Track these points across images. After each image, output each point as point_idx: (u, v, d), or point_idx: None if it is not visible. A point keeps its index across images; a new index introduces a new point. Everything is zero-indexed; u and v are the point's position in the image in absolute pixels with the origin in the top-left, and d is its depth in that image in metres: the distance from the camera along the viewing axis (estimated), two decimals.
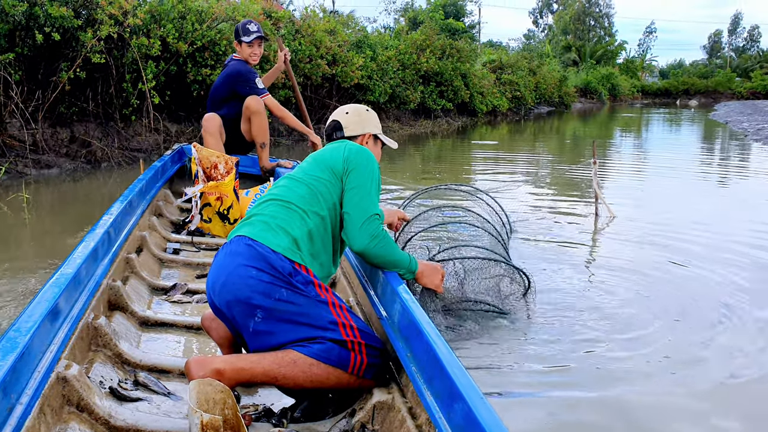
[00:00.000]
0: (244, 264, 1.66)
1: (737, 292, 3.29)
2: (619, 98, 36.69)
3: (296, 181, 1.93)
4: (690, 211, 5.42)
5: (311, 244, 1.81)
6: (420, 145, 12.16)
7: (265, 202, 1.89)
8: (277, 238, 1.73)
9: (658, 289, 3.33)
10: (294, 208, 1.83)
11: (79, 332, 1.81)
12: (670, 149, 12.08)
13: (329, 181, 1.90)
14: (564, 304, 3.08)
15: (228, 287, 1.66)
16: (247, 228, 1.79)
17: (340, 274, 2.70)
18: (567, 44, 42.00)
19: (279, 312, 1.64)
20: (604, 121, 21.89)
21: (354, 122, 2.13)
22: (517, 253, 3.86)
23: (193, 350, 2.18)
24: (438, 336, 1.58)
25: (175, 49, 7.63)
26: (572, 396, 2.26)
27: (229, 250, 1.74)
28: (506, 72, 21.55)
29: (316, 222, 1.84)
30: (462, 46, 17.11)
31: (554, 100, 26.09)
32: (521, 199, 5.88)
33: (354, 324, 1.71)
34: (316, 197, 1.87)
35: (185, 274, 2.92)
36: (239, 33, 3.80)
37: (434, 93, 15.90)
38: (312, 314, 1.66)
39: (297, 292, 1.67)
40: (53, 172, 6.70)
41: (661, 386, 2.34)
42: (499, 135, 15.52)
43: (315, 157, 2.01)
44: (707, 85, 44.29)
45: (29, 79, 6.78)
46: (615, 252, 4.09)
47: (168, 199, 3.98)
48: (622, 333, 2.77)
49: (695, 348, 2.66)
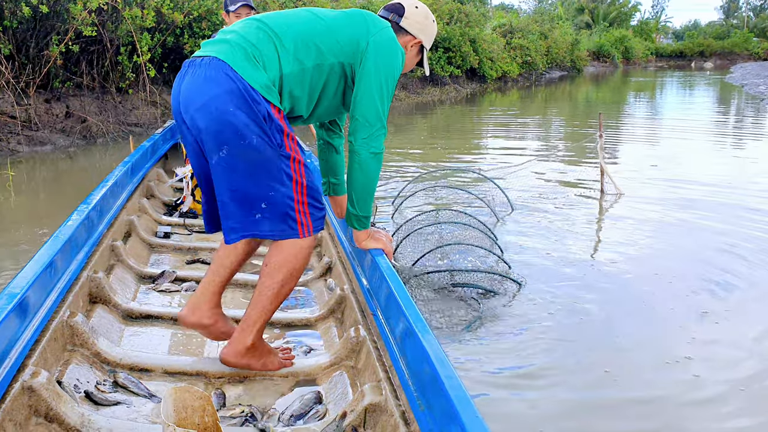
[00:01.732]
0: (223, 96, 1.58)
1: (741, 284, 3.13)
2: (632, 61, 35.80)
3: (304, 18, 1.73)
4: (700, 188, 5.13)
5: (290, 86, 1.69)
6: (427, 113, 11.89)
7: (253, 26, 1.70)
8: (256, 71, 1.62)
9: (656, 280, 3.19)
10: (282, 44, 1.67)
11: (52, 333, 1.70)
12: (683, 115, 11.75)
13: (342, 42, 1.71)
14: (545, 304, 2.94)
15: (203, 114, 1.59)
16: (225, 49, 1.63)
17: (336, 260, 2.58)
18: (580, 6, 40.80)
19: (244, 155, 1.60)
20: (616, 86, 21.36)
21: (418, 21, 1.88)
22: (512, 235, 3.72)
23: (177, 345, 2.07)
24: (433, 341, 1.46)
25: (171, 20, 7.40)
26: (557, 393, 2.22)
27: (207, 74, 1.61)
28: (516, 36, 20.97)
29: (300, 69, 1.68)
30: (471, 10, 16.59)
31: (566, 65, 25.47)
32: (525, 174, 5.68)
33: (305, 182, 1.69)
34: (313, 46, 1.69)
35: (175, 259, 2.81)
36: (227, 2, 3.58)
37: (442, 59, 15.51)
38: (272, 168, 1.63)
39: (266, 141, 1.61)
40: (47, 148, 6.56)
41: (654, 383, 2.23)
42: (509, 101, 15.17)
43: (347, 12, 1.79)
44: (723, 47, 42.99)
45: (20, 54, 6.59)
46: (617, 239, 3.88)
47: (161, 178, 3.85)
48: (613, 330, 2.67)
49: (698, 344, 2.56)
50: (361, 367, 1.84)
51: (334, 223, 2.78)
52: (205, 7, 7.82)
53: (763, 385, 2.24)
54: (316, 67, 1.70)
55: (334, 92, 1.77)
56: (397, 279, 1.83)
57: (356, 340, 1.90)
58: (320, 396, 1.78)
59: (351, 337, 1.90)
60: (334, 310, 2.24)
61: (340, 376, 1.86)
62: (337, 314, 2.23)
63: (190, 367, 1.83)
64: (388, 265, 1.93)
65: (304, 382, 1.87)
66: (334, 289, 2.41)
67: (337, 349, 1.92)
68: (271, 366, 1.84)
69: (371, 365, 1.77)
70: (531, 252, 3.56)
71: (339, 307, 2.24)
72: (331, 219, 2.87)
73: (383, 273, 1.89)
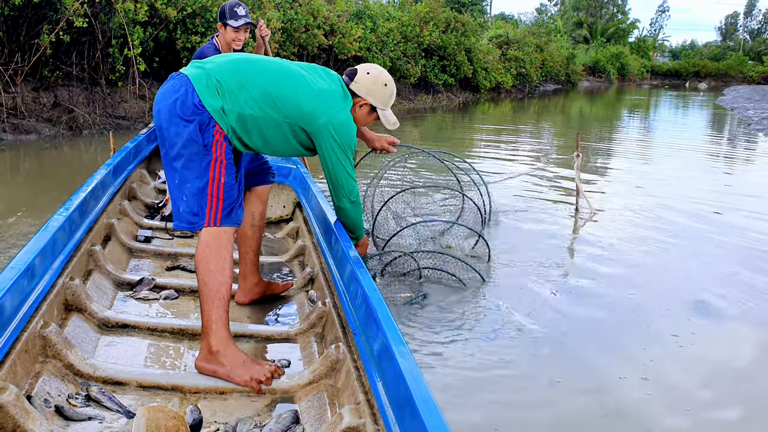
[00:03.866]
0: (177, 108, 1.87)
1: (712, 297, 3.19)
2: (627, 78, 36.07)
3: (281, 79, 2.01)
4: (679, 212, 5.09)
5: (244, 122, 1.96)
6: (418, 120, 11.89)
7: (233, 65, 1.97)
8: (213, 99, 1.90)
9: (604, 301, 3.19)
10: (249, 92, 1.95)
11: (23, 344, 1.65)
12: (670, 137, 11.70)
13: (303, 112, 2.02)
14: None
15: (161, 116, 1.91)
16: (198, 73, 1.92)
17: (318, 272, 2.55)
18: (579, 20, 41.05)
19: (180, 154, 1.89)
20: (610, 102, 21.55)
21: (365, 86, 2.20)
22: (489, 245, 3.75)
23: (153, 357, 2.02)
24: (411, 363, 1.45)
25: (164, 15, 7.33)
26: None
27: (172, 86, 1.91)
28: (512, 48, 21.06)
29: (262, 115, 1.97)
30: (467, 19, 16.65)
31: (561, 78, 25.61)
32: (508, 185, 5.68)
33: (223, 180, 1.91)
34: (276, 105, 1.98)
35: (156, 265, 2.75)
36: (225, 15, 3.44)
37: (436, 67, 15.54)
38: (194, 168, 1.90)
39: (197, 150, 1.87)
40: (31, 137, 6.47)
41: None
42: (502, 112, 15.23)
43: (318, 90, 2.06)
44: (718, 68, 43.31)
45: (10, 41, 6.50)
46: (582, 256, 3.88)
47: (144, 179, 3.78)
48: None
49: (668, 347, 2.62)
50: (341, 387, 1.81)
51: (317, 233, 2.75)
52: (200, 4, 7.75)
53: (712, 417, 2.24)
54: (272, 119, 1.99)
55: (285, 140, 2.07)
56: (378, 296, 1.81)
57: (336, 357, 1.87)
58: (297, 415, 1.75)
59: (331, 355, 1.88)
60: (314, 325, 2.21)
61: (319, 395, 1.83)
62: (318, 329, 2.20)
63: (165, 381, 1.79)
64: (368, 280, 1.91)
65: (282, 399, 1.84)
66: (316, 302, 2.38)
67: (317, 367, 1.89)
68: (238, 379, 1.82)
69: (351, 385, 1.75)
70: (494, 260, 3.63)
71: (320, 321, 2.21)
72: (314, 228, 2.84)
73: (364, 289, 1.86)
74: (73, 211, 2.29)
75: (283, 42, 9.65)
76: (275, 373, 1.86)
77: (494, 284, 3.29)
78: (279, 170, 3.41)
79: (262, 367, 1.85)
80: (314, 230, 2.82)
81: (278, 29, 9.02)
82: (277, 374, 1.86)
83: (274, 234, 3.39)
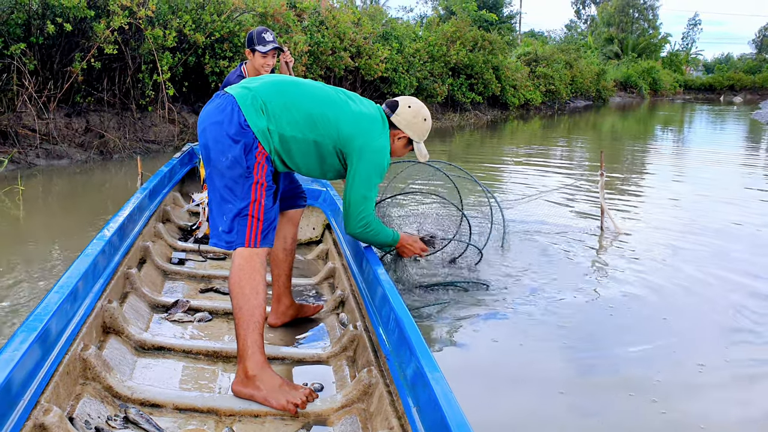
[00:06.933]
0: (224, 128, 1.92)
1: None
2: (660, 93, 35.43)
3: (321, 101, 2.08)
4: (703, 233, 4.86)
5: (287, 143, 2.02)
6: (446, 139, 11.89)
7: (279, 87, 2.03)
8: (258, 119, 1.95)
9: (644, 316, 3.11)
10: (292, 115, 2.00)
11: (66, 366, 1.70)
12: (702, 154, 11.30)
13: (342, 135, 2.09)
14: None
15: (207, 135, 1.96)
16: (244, 93, 1.97)
17: (349, 294, 2.55)
18: (609, 36, 40.66)
19: (223, 174, 1.93)
20: (642, 117, 21.16)
21: (406, 118, 2.29)
22: (504, 266, 3.70)
23: (189, 379, 2.05)
24: (446, 389, 1.43)
25: (193, 40, 7.55)
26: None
27: (218, 106, 1.97)
28: (541, 65, 20.98)
29: (302, 137, 2.03)
30: (494, 38, 16.67)
31: (591, 94, 25.35)
32: (536, 204, 5.57)
33: (263, 202, 1.95)
34: (317, 127, 2.05)
35: (189, 287, 2.80)
36: (253, 41, 3.52)
37: (464, 86, 15.57)
38: (237, 190, 1.93)
39: (240, 173, 1.92)
40: (63, 162, 6.68)
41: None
42: (531, 129, 15.11)
43: (358, 114, 2.14)
44: (754, 81, 42.25)
45: (44, 69, 6.78)
46: (607, 277, 3.76)
47: (177, 202, 3.87)
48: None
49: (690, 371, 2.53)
50: (374, 411, 1.80)
51: (348, 255, 2.76)
52: (227, 29, 7.96)
53: None
54: (312, 140, 2.06)
55: (323, 161, 2.13)
56: (411, 320, 1.80)
57: (368, 381, 1.87)
58: None
59: (363, 379, 1.87)
60: (346, 348, 2.21)
61: (352, 419, 1.82)
62: (349, 352, 2.20)
63: (201, 404, 1.81)
64: (400, 303, 1.91)
65: (315, 422, 1.83)
66: (347, 324, 2.38)
67: (349, 391, 1.89)
68: (275, 402, 1.82)
69: (384, 410, 1.73)
70: (514, 277, 3.59)
71: (351, 344, 2.20)
72: (344, 250, 2.86)
73: (396, 313, 1.86)
74: (113, 235, 2.36)
75: (310, 65, 9.83)
76: (310, 397, 1.86)
77: (509, 306, 3.16)
78: (309, 193, 3.44)
79: (297, 390, 1.85)
80: (344, 252, 2.84)
81: (305, 52, 9.18)
82: (312, 398, 1.86)
83: (304, 256, 3.42)
